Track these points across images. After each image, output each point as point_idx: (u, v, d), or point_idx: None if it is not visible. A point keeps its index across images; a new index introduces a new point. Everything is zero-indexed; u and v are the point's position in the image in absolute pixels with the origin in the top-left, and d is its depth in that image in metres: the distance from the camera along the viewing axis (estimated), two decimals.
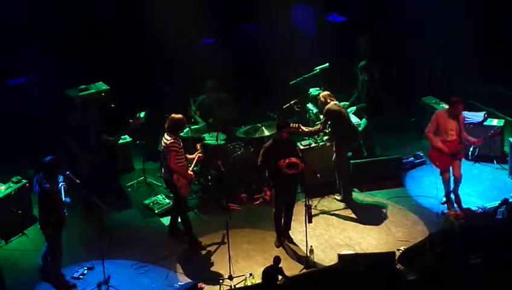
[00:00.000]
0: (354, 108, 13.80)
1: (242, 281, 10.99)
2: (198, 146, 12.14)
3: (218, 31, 16.42)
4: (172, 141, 11.38)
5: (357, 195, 12.90)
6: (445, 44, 15.80)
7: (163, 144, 11.54)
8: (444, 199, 12.57)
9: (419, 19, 15.41)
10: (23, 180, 12.33)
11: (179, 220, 12.00)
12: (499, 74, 15.53)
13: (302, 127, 12.74)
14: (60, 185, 10.78)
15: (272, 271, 10.13)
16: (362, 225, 12.28)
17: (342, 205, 12.75)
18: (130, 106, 13.44)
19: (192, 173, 11.69)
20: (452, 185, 12.43)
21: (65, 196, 10.69)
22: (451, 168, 12.29)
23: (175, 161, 11.40)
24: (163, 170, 11.78)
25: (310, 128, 12.91)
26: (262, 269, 10.32)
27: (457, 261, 10.13)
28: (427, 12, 15.38)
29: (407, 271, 10.09)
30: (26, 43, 14.58)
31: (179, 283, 11.07)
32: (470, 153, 13.70)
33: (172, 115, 11.50)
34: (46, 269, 11.20)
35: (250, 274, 11.04)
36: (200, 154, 11.83)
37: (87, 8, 15.14)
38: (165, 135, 11.51)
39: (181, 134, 11.80)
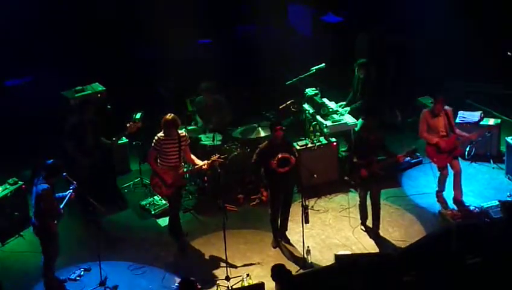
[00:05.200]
0: (348, 108, 13.79)
1: (239, 281, 10.99)
2: (213, 157, 11.68)
3: (214, 32, 16.42)
4: (155, 138, 11.49)
5: (354, 195, 12.89)
6: (441, 44, 15.80)
7: None
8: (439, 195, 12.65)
9: (416, 19, 15.42)
10: (19, 182, 12.30)
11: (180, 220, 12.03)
12: (495, 74, 15.54)
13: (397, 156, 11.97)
14: (67, 192, 10.77)
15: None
16: (359, 225, 12.28)
17: (339, 206, 12.76)
18: (126, 106, 13.44)
19: (175, 181, 11.63)
20: (453, 181, 12.48)
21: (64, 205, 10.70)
22: (449, 166, 12.33)
23: (151, 157, 11.56)
24: None
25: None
26: (259, 270, 10.28)
27: (454, 261, 10.13)
28: (422, 11, 15.40)
29: (404, 271, 10.09)
30: (22, 44, 14.56)
31: (176, 284, 11.06)
32: (466, 152, 13.71)
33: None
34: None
35: (247, 275, 11.04)
36: (205, 166, 11.65)
37: (83, 8, 15.15)
38: None
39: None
